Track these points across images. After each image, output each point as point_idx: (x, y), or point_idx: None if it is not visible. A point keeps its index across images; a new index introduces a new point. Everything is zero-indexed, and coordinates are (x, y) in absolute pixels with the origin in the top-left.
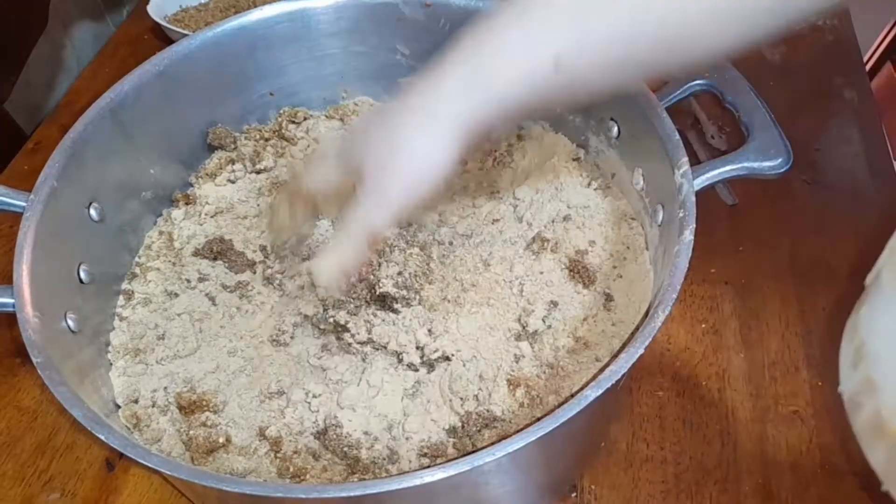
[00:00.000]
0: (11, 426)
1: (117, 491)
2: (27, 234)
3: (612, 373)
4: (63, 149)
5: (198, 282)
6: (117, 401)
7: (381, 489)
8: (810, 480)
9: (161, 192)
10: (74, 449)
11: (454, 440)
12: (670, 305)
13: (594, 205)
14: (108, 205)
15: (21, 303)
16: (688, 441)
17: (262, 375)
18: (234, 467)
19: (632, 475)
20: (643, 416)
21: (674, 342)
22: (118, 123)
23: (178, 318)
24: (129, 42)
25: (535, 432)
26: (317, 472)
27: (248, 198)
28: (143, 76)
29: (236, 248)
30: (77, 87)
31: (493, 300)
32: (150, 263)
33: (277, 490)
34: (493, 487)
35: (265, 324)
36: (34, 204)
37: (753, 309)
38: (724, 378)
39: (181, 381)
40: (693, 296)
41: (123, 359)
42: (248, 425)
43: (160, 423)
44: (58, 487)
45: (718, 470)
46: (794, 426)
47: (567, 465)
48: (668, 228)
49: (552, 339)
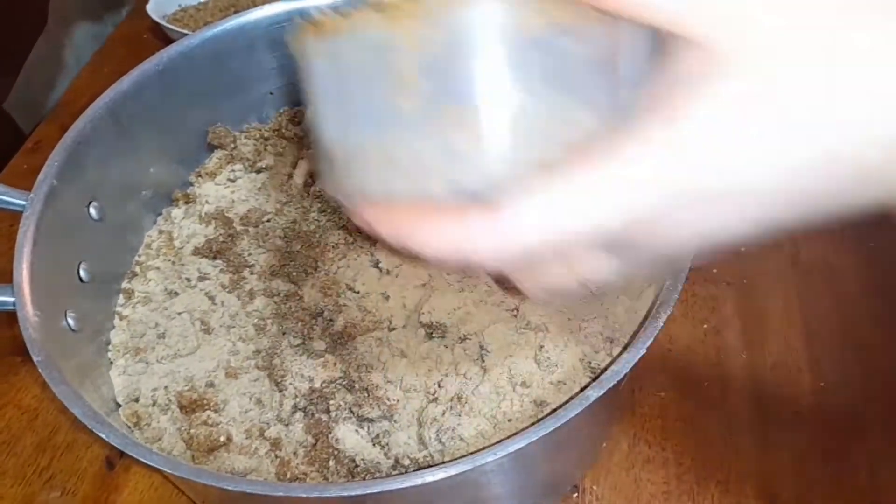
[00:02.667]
0: (12, 425)
1: (118, 489)
2: (27, 233)
3: (613, 373)
4: (62, 148)
5: (198, 280)
6: (118, 399)
7: (381, 489)
8: (812, 482)
9: (161, 191)
10: (75, 447)
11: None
12: (672, 306)
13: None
14: (107, 204)
15: (21, 301)
16: (690, 442)
17: (263, 374)
18: (234, 466)
19: (633, 476)
20: (645, 416)
21: (675, 343)
22: (118, 122)
23: (178, 316)
24: (128, 41)
25: (537, 432)
26: (316, 473)
27: (248, 197)
28: (142, 75)
29: (236, 247)
30: (76, 86)
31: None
32: (150, 262)
33: (278, 489)
34: (494, 487)
35: (266, 323)
36: (34, 203)
37: (755, 309)
38: (726, 379)
39: (182, 379)
40: (695, 296)
41: (124, 357)
42: (249, 424)
43: (161, 421)
44: (58, 486)
45: (720, 471)
46: (796, 427)
47: (568, 465)
48: None
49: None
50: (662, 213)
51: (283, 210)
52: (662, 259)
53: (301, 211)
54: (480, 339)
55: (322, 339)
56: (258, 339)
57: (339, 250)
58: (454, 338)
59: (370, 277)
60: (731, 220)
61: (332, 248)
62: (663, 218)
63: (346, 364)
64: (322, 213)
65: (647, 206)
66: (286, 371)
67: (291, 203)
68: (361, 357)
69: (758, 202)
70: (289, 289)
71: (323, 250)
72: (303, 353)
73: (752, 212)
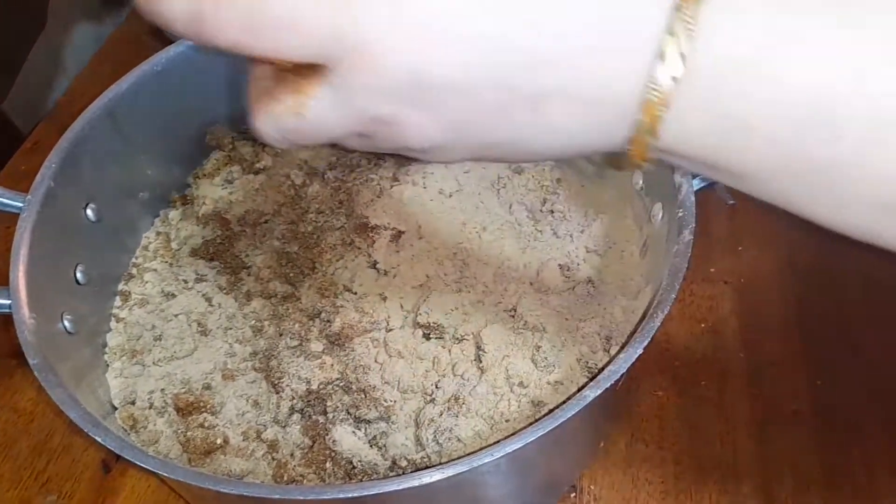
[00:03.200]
0: (7, 428)
1: (114, 493)
2: (24, 234)
3: (611, 373)
4: (60, 149)
5: (195, 282)
6: (114, 402)
7: (378, 490)
8: (810, 481)
9: (158, 192)
10: (71, 451)
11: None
12: (669, 305)
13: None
14: (105, 205)
15: (17, 304)
16: (687, 441)
17: (260, 376)
18: (231, 468)
19: (631, 475)
20: (642, 416)
21: (673, 342)
22: (116, 124)
23: (175, 318)
24: (127, 42)
25: (534, 432)
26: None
27: (245, 198)
28: (141, 76)
29: (234, 248)
30: (75, 87)
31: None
32: (147, 264)
33: (275, 491)
34: (492, 488)
35: (263, 324)
36: (31, 205)
37: (753, 308)
38: (724, 378)
39: (178, 382)
40: (692, 295)
41: (120, 360)
42: (246, 426)
43: (157, 424)
44: (55, 489)
45: (718, 470)
46: (794, 426)
47: (566, 465)
48: (668, 228)
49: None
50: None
51: (281, 211)
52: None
53: (299, 212)
54: (478, 339)
55: (319, 341)
56: (255, 340)
57: (336, 251)
58: (451, 338)
59: (368, 278)
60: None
61: (329, 250)
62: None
63: (343, 365)
64: (320, 213)
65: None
66: (283, 373)
67: (289, 204)
68: (359, 358)
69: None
70: (286, 290)
71: (320, 251)
72: (300, 354)
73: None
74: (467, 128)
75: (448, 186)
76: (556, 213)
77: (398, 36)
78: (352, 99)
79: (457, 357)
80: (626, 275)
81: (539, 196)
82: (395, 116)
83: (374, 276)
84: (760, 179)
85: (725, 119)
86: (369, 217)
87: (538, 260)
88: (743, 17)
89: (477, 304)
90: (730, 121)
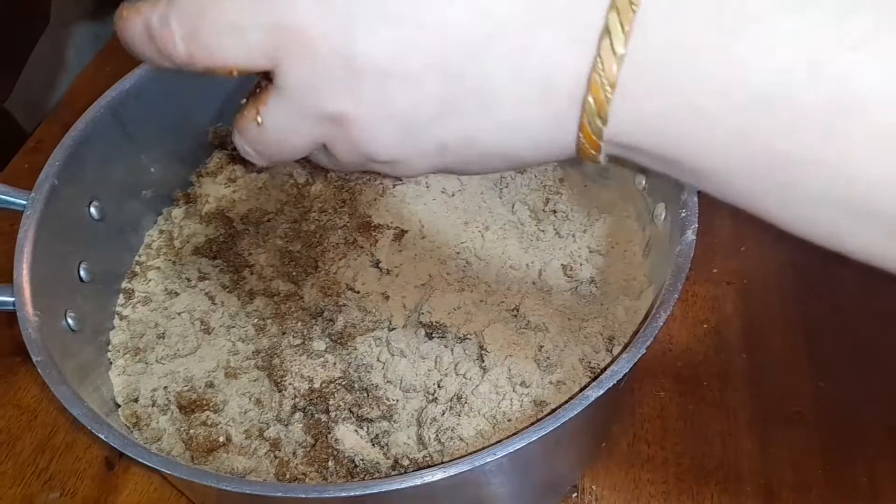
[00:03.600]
0: (11, 425)
1: (117, 490)
2: (27, 232)
3: (613, 373)
4: (64, 147)
5: (198, 281)
6: (117, 400)
7: (380, 489)
8: (812, 482)
9: (161, 190)
10: (74, 448)
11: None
12: (672, 305)
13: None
14: (108, 203)
15: (21, 301)
16: (689, 441)
17: (263, 374)
18: (234, 467)
19: (633, 476)
20: (644, 416)
21: (675, 342)
22: (119, 122)
23: (178, 316)
24: None
25: (537, 432)
26: (316, 473)
27: (248, 197)
28: (144, 75)
29: (237, 247)
30: (78, 85)
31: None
32: (151, 262)
33: (277, 490)
34: (493, 487)
35: (266, 323)
36: (35, 202)
37: (755, 309)
38: (726, 378)
39: (181, 380)
40: (695, 296)
41: (123, 358)
42: (249, 424)
43: (160, 422)
44: (57, 486)
45: (720, 471)
46: (796, 427)
47: (568, 465)
48: (670, 228)
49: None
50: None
51: (284, 210)
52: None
53: (301, 211)
54: (480, 339)
55: (322, 339)
56: (258, 339)
57: (339, 250)
58: (454, 338)
59: (370, 277)
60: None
61: (332, 248)
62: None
63: (345, 364)
64: (322, 212)
65: None
66: (286, 371)
67: (292, 203)
68: (361, 357)
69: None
70: (289, 289)
71: (323, 250)
72: (302, 353)
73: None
74: (417, 126)
75: (451, 186)
76: (559, 212)
77: (329, 22)
78: (298, 99)
79: (459, 356)
80: (629, 275)
81: (541, 196)
82: (342, 114)
83: (377, 275)
84: (722, 178)
85: (679, 106)
86: (372, 216)
87: (541, 260)
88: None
89: (479, 303)
90: (684, 108)
